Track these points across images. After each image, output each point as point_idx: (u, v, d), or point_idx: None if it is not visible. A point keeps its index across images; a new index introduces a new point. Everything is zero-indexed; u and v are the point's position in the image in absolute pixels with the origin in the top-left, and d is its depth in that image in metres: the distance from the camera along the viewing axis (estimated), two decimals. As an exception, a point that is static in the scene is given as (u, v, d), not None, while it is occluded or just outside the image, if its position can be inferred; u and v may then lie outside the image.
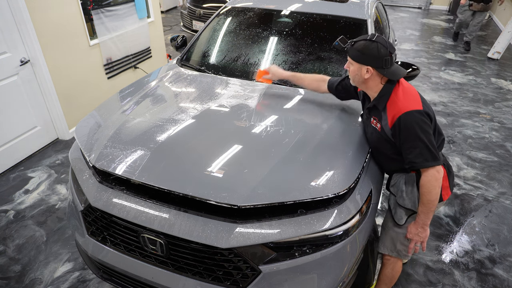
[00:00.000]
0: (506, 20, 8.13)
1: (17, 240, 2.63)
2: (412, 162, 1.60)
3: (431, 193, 1.59)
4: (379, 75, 1.67)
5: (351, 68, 1.72)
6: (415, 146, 1.57)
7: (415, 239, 1.74)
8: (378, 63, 1.62)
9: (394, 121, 1.62)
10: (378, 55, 1.61)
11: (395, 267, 2.01)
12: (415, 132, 1.56)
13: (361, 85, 1.75)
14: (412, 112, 1.58)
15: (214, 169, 1.66)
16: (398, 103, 1.63)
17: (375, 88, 1.71)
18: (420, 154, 1.57)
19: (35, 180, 3.25)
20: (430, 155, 1.56)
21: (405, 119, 1.58)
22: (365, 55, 1.63)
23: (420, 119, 1.57)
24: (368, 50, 1.62)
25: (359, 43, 1.66)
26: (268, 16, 2.93)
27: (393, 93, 1.66)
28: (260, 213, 1.58)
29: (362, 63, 1.65)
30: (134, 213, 1.62)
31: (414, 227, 1.72)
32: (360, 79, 1.71)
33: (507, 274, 2.48)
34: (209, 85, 2.42)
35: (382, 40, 1.63)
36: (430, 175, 1.58)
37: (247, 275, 1.54)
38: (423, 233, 1.70)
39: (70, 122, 3.84)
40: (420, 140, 1.56)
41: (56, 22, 3.42)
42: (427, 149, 1.56)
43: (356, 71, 1.69)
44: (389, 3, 11.37)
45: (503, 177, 3.49)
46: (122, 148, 1.82)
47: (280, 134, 1.88)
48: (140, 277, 1.69)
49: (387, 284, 2.09)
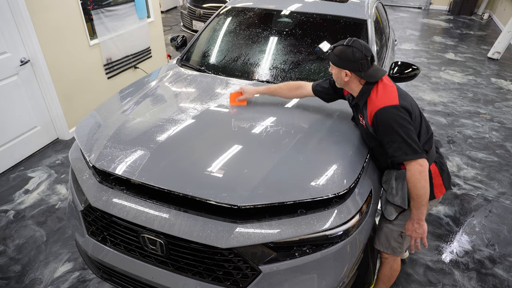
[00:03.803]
0: (506, 20, 8.13)
1: (17, 240, 2.63)
2: (392, 156, 1.63)
3: (416, 187, 1.60)
4: (357, 77, 1.74)
5: (333, 72, 1.81)
6: (393, 141, 1.60)
7: (413, 236, 1.73)
8: (355, 66, 1.69)
9: (372, 118, 1.68)
10: (353, 59, 1.68)
11: (394, 266, 2.02)
12: (391, 127, 1.60)
13: (344, 86, 1.83)
14: (387, 108, 1.62)
15: (214, 169, 1.66)
16: (374, 100, 1.69)
17: (356, 88, 1.78)
18: (398, 148, 1.60)
19: (35, 180, 3.26)
20: (409, 148, 1.58)
21: (380, 115, 1.63)
22: (342, 60, 1.71)
23: (396, 113, 1.60)
24: (344, 54, 1.69)
25: (337, 48, 1.74)
26: (268, 16, 2.93)
27: (372, 91, 1.72)
28: (260, 213, 1.58)
29: (340, 67, 1.73)
30: (134, 213, 1.62)
31: (410, 223, 1.73)
32: (341, 82, 1.80)
33: (507, 274, 2.48)
34: (209, 85, 2.42)
35: (357, 45, 1.69)
36: (413, 168, 1.60)
37: (247, 275, 1.54)
38: (420, 228, 1.70)
39: (70, 122, 3.84)
40: (397, 134, 1.59)
41: (56, 22, 3.42)
42: (405, 143, 1.58)
43: (337, 74, 1.78)
44: (389, 3, 11.37)
45: (503, 177, 3.50)
46: (122, 148, 1.82)
47: (280, 134, 1.88)
48: (140, 277, 1.69)
49: (386, 283, 2.10)
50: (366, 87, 1.74)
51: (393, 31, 4.50)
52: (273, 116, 2.05)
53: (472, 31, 8.75)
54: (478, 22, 9.74)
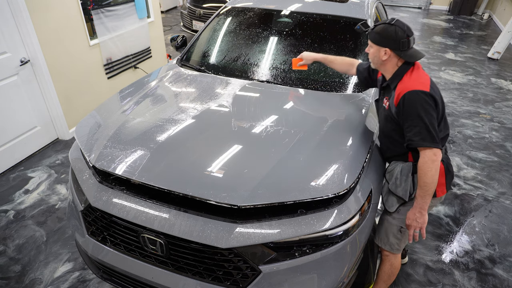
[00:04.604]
0: (506, 20, 8.13)
1: (17, 240, 2.63)
2: (410, 140, 1.64)
3: (427, 175, 1.61)
4: (396, 57, 1.74)
5: (371, 51, 1.80)
6: (415, 125, 1.61)
7: (413, 225, 1.74)
8: (395, 45, 1.69)
9: (399, 98, 1.68)
10: (395, 37, 1.68)
11: (394, 264, 2.02)
12: (416, 111, 1.61)
13: (379, 66, 1.83)
14: (417, 91, 1.62)
15: (214, 169, 1.66)
16: (406, 82, 1.69)
17: (391, 69, 1.78)
18: (418, 133, 1.61)
19: (35, 180, 3.26)
20: (429, 135, 1.59)
21: (409, 97, 1.63)
22: (383, 37, 1.71)
23: (424, 99, 1.61)
24: (386, 32, 1.70)
25: (378, 26, 1.75)
26: (268, 16, 2.93)
27: (406, 75, 1.73)
28: (260, 213, 1.58)
29: (380, 45, 1.73)
30: (134, 213, 1.62)
31: (412, 212, 1.74)
32: (378, 61, 1.79)
33: (507, 274, 2.48)
34: (209, 85, 2.42)
35: (400, 24, 1.71)
36: (427, 156, 1.61)
37: (247, 275, 1.54)
38: (421, 218, 1.70)
39: (70, 122, 3.84)
40: (420, 119, 1.60)
41: (56, 22, 3.42)
42: (426, 129, 1.59)
43: (375, 53, 1.77)
44: (389, 3, 11.37)
45: (503, 177, 3.50)
46: (122, 148, 1.82)
47: (280, 134, 1.88)
48: (140, 277, 1.68)
49: (386, 281, 2.10)
50: (402, 69, 1.75)
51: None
52: (273, 116, 2.05)
53: (472, 31, 8.75)
54: (478, 22, 9.74)
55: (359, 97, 2.29)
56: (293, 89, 2.37)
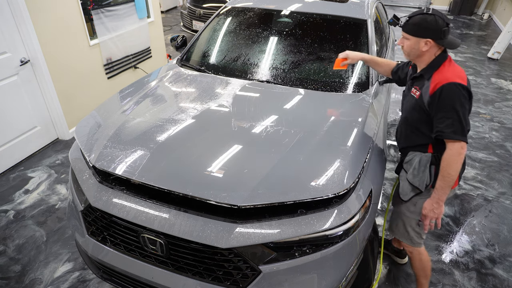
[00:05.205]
0: (506, 20, 8.13)
1: (17, 240, 2.63)
2: (441, 132, 1.64)
3: (451, 167, 1.63)
4: (436, 47, 1.72)
5: (407, 43, 1.76)
6: (449, 117, 1.61)
7: (430, 216, 1.76)
8: (437, 34, 1.67)
9: (436, 88, 1.65)
10: (437, 26, 1.65)
11: (422, 258, 2.05)
12: (452, 103, 1.60)
13: (416, 58, 1.80)
14: (456, 84, 1.62)
15: (214, 169, 1.66)
16: (445, 73, 1.67)
17: (428, 60, 1.76)
18: (451, 125, 1.61)
19: (35, 180, 3.25)
20: (461, 128, 1.60)
21: (447, 88, 1.62)
22: (423, 28, 1.67)
23: (461, 92, 1.61)
24: (427, 22, 1.66)
25: (416, 17, 1.70)
26: (268, 16, 2.93)
27: (442, 65, 1.71)
28: (260, 213, 1.58)
29: (420, 36, 1.69)
30: (134, 213, 1.62)
31: (429, 202, 1.75)
32: (416, 53, 1.75)
33: (507, 274, 2.48)
34: (209, 85, 2.42)
35: (438, 12, 1.69)
36: (455, 148, 1.62)
37: (247, 275, 1.54)
38: (438, 209, 1.72)
39: (70, 122, 3.84)
40: (455, 112, 1.60)
41: (56, 22, 3.42)
42: (459, 122, 1.60)
43: (413, 45, 1.73)
44: (389, 3, 11.37)
45: (503, 177, 3.49)
46: (122, 148, 1.82)
47: (280, 134, 1.88)
48: (140, 277, 1.68)
49: (424, 276, 2.13)
50: (439, 59, 1.73)
51: (393, 31, 4.50)
52: (273, 116, 2.05)
53: (472, 31, 8.75)
54: (478, 22, 9.74)
55: (359, 97, 2.29)
56: (293, 89, 2.37)
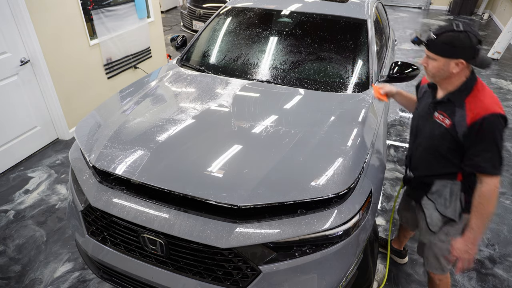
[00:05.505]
0: (506, 20, 8.13)
1: (17, 240, 2.63)
2: (478, 166, 1.51)
3: (490, 203, 1.50)
4: (467, 68, 1.54)
5: (433, 64, 1.57)
6: (488, 150, 1.48)
7: (464, 257, 1.59)
8: (470, 53, 1.48)
9: (475, 119, 1.49)
10: (470, 45, 1.47)
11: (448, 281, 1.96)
12: (494, 136, 1.47)
13: (443, 81, 1.61)
14: (497, 115, 1.47)
15: (214, 169, 1.66)
16: (483, 101, 1.51)
17: (456, 82, 1.58)
18: (490, 159, 1.48)
19: (35, 180, 3.25)
20: (499, 163, 1.50)
21: (490, 121, 1.47)
22: (455, 47, 1.49)
23: (502, 124, 1.49)
24: (459, 41, 1.47)
25: (445, 35, 1.51)
26: (268, 16, 2.93)
27: (475, 89, 1.55)
28: (260, 213, 1.58)
29: (451, 57, 1.51)
30: (134, 213, 1.62)
31: (463, 243, 1.59)
32: (444, 75, 1.57)
33: (507, 274, 2.48)
34: (209, 85, 2.42)
35: (469, 28, 1.49)
36: (493, 183, 1.50)
37: (247, 275, 1.54)
38: (473, 249, 1.56)
39: (70, 122, 3.84)
40: (495, 145, 1.48)
41: (56, 22, 3.42)
42: (498, 156, 1.49)
43: (441, 66, 1.55)
44: (389, 3, 11.37)
45: (503, 177, 3.49)
46: (122, 148, 1.82)
47: (280, 134, 1.88)
48: (140, 277, 1.68)
49: None
50: (469, 82, 1.55)
51: (393, 31, 4.50)
52: (273, 116, 2.05)
53: (472, 31, 8.74)
54: (478, 22, 9.74)
55: (359, 97, 2.29)
56: (293, 89, 2.37)
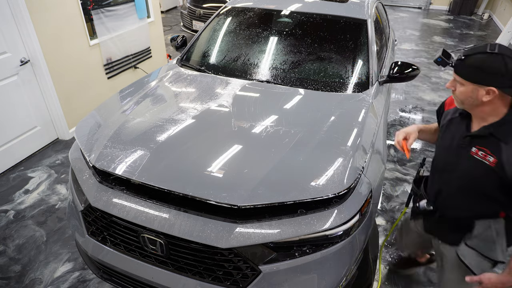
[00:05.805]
0: (506, 20, 8.13)
1: (17, 240, 2.63)
2: None
3: None
4: (503, 97, 1.29)
5: (461, 90, 1.36)
6: None
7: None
8: (505, 81, 1.25)
9: None
10: (505, 71, 1.24)
11: None
12: None
13: (472, 109, 1.38)
14: None
15: (214, 169, 1.66)
16: None
17: (494, 113, 1.34)
18: None
19: (35, 180, 3.25)
20: None
21: None
22: (486, 73, 1.27)
23: None
24: (492, 67, 1.26)
25: (475, 57, 1.29)
26: (268, 16, 2.93)
27: None
28: (260, 213, 1.58)
29: (481, 83, 1.29)
30: (134, 213, 1.62)
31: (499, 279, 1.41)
32: (474, 103, 1.34)
33: (507, 274, 2.47)
34: (209, 85, 2.42)
35: (507, 51, 1.26)
36: None
37: (247, 275, 1.54)
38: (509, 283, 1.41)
39: (70, 122, 3.84)
40: None
41: (56, 22, 3.42)
42: None
43: (469, 93, 1.32)
44: (389, 3, 11.37)
45: None
46: (122, 148, 1.82)
47: (280, 134, 1.88)
48: (140, 277, 1.69)
49: None
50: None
51: (393, 31, 4.50)
52: (273, 116, 2.05)
53: (472, 31, 8.75)
54: (478, 22, 9.74)
55: (359, 97, 2.29)
56: (293, 89, 2.37)
